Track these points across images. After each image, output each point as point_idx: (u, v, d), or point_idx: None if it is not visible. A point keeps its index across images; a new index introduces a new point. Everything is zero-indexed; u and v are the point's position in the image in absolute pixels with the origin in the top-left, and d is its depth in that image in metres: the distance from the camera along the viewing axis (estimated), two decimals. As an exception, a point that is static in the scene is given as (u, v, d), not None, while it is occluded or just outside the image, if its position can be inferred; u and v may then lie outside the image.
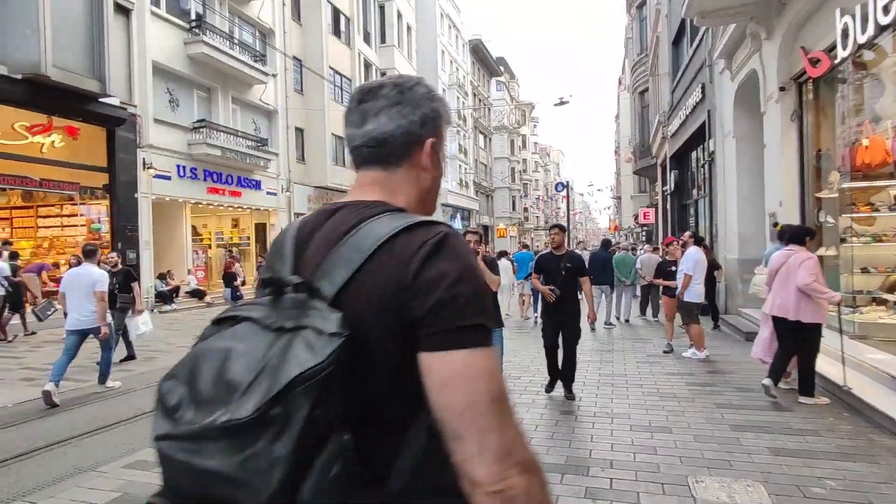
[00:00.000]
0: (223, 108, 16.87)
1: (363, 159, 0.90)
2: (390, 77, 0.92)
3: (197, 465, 0.63)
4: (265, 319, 0.72)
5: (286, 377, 0.63)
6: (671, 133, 15.14)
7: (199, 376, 0.68)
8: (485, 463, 0.67)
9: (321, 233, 0.83)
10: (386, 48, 29.17)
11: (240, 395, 0.64)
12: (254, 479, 0.61)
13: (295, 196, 20.41)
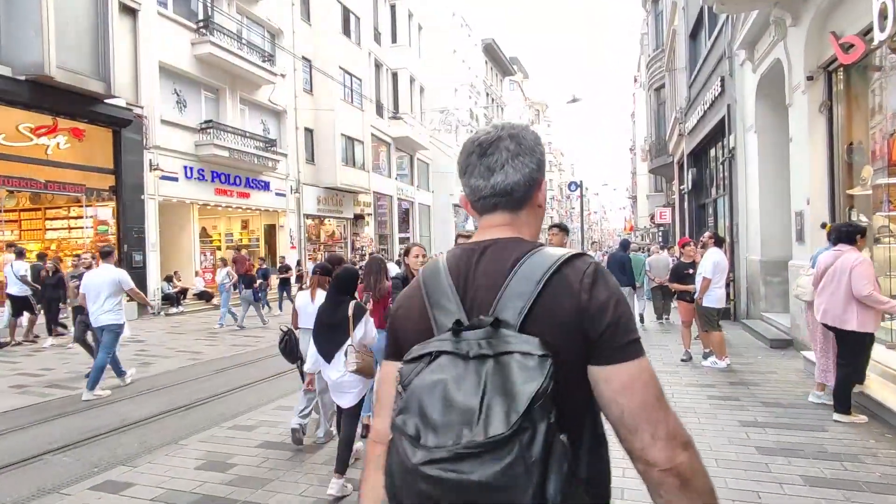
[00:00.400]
0: (231, 108, 16.75)
1: (492, 207, 1.01)
2: (501, 127, 1.02)
3: (464, 480, 0.72)
4: (460, 351, 0.82)
5: (527, 396, 0.75)
6: (688, 130, 14.59)
7: (427, 407, 0.78)
8: (658, 448, 0.84)
9: (480, 271, 0.94)
10: (397, 48, 28.92)
11: (478, 415, 0.74)
12: (515, 484, 0.72)
13: (304, 197, 20.24)
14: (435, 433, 0.75)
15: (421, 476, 0.74)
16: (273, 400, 5.62)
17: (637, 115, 45.46)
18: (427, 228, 35.10)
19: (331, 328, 3.44)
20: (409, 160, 32.12)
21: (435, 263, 1.00)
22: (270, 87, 18.12)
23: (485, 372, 0.78)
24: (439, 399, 0.77)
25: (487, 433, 0.72)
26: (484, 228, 1.02)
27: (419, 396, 0.79)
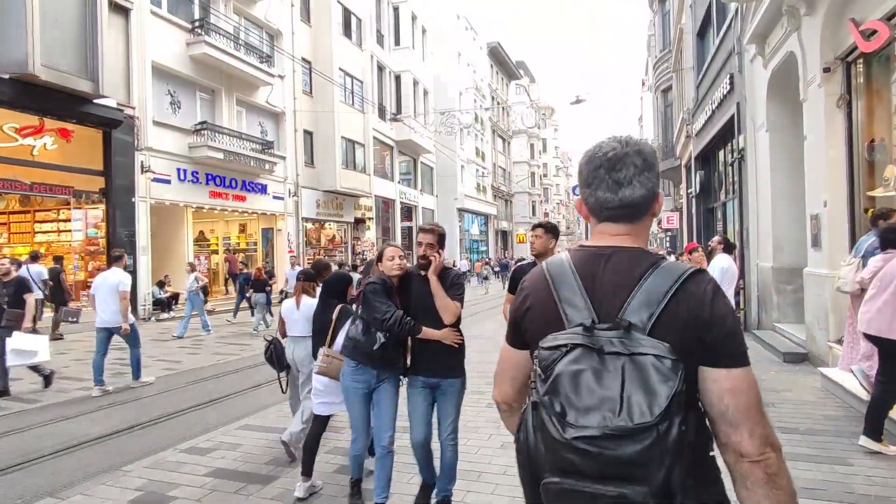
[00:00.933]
0: (227, 110, 16.45)
1: (617, 217, 1.13)
2: (626, 142, 1.12)
3: (610, 455, 0.88)
4: (594, 345, 0.96)
5: (666, 395, 0.89)
6: (696, 131, 14.08)
7: (570, 392, 0.92)
8: (753, 443, 0.98)
9: (608, 275, 1.07)
10: (400, 50, 28.62)
11: (620, 404, 0.89)
12: (651, 464, 0.88)
13: (303, 200, 19.89)
14: (581, 414, 0.90)
15: (571, 448, 0.90)
16: (241, 417, 5.18)
17: (644, 119, 44.88)
18: (431, 233, 34.65)
19: (319, 331, 3.48)
20: (412, 164, 31.77)
21: (560, 261, 1.14)
22: (268, 88, 17.83)
23: (622, 368, 0.92)
24: (582, 386, 0.92)
25: (633, 420, 0.88)
26: (605, 235, 1.14)
27: (563, 381, 0.94)
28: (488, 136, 43.33)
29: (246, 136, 16.72)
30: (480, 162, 40.57)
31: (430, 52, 33.27)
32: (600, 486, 0.90)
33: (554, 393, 0.93)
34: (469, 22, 40.03)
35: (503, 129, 48.83)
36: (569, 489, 0.92)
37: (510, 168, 51.24)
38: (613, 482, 0.89)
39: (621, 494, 0.89)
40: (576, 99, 16.32)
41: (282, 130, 19.14)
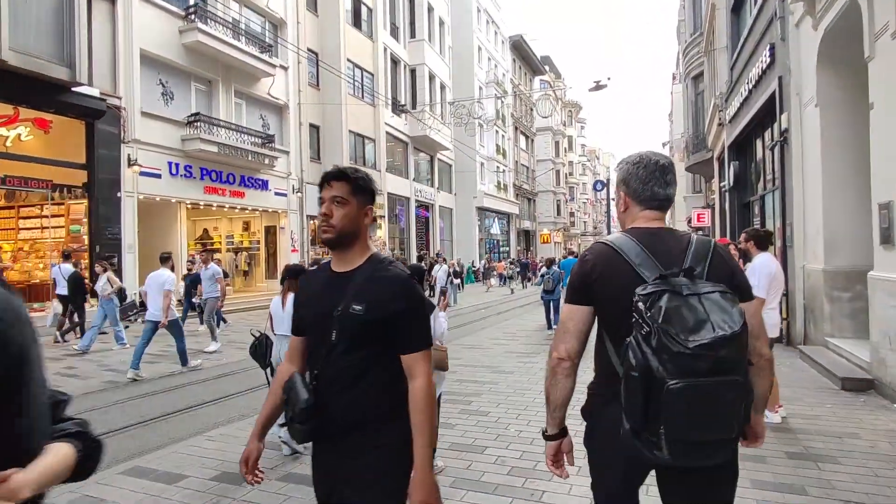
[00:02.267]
0: (224, 101, 15.70)
1: (660, 206, 1.61)
2: (666, 157, 1.64)
3: (718, 355, 1.27)
4: (676, 289, 1.34)
5: (739, 312, 1.33)
6: (729, 117, 12.57)
7: (678, 319, 1.30)
8: (766, 348, 1.55)
9: (665, 246, 1.51)
10: (416, 43, 27.61)
11: (711, 324, 1.28)
12: (741, 358, 1.33)
13: (308, 197, 19.05)
14: (691, 332, 1.27)
15: (691, 356, 1.26)
16: (167, 444, 4.20)
17: (675, 113, 42.77)
18: (448, 232, 33.60)
19: None
20: (429, 161, 30.73)
21: (624, 238, 1.55)
22: (269, 79, 17.03)
23: (700, 302, 1.32)
24: (683, 315, 1.30)
25: (728, 331, 1.27)
26: (648, 219, 1.60)
27: (671, 314, 1.30)
28: (510, 132, 41.97)
29: (244, 129, 15.95)
30: (501, 160, 39.25)
31: (448, 45, 32.20)
32: (715, 378, 1.28)
33: (668, 322, 1.30)
34: (490, 15, 38.77)
35: (526, 125, 47.36)
36: (692, 384, 1.26)
37: (533, 166, 49.69)
38: (721, 374, 1.29)
39: (733, 381, 1.30)
40: (595, 85, 14.96)
41: (285, 124, 18.34)
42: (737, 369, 1.30)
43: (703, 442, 1.32)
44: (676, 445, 1.29)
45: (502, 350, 8.39)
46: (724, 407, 1.30)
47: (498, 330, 10.88)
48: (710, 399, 1.27)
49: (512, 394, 5.62)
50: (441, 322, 3.58)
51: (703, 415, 1.28)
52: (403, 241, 27.38)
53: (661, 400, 1.26)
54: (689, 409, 1.26)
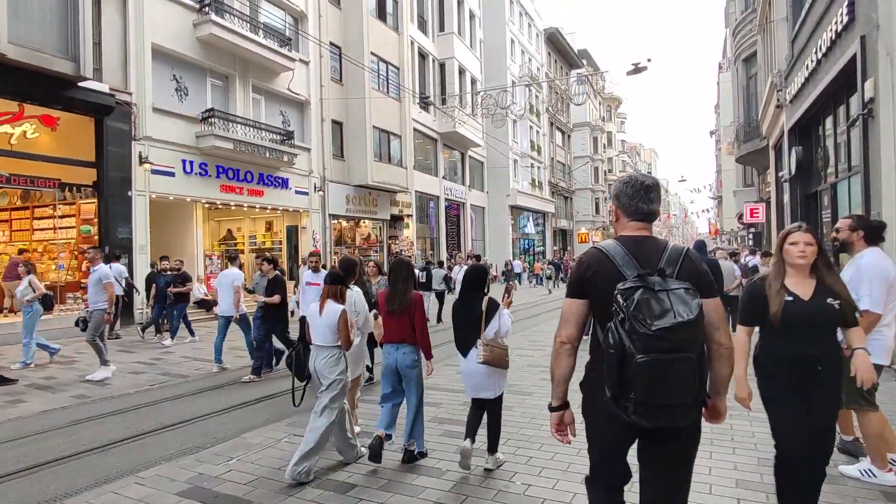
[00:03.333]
0: (242, 97, 15.19)
1: (644, 218, 2.00)
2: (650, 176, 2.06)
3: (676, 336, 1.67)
4: (649, 286, 1.73)
5: (697, 304, 1.71)
6: (791, 97, 11.04)
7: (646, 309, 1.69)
8: (724, 338, 1.89)
9: (646, 251, 1.91)
10: (445, 37, 26.71)
11: (673, 312, 1.67)
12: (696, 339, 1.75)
13: (330, 195, 18.41)
14: (656, 319, 1.66)
15: (655, 336, 1.65)
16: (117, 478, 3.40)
17: (722, 104, 40.23)
18: (480, 231, 32.52)
19: (468, 323, 3.64)
20: (460, 158, 29.77)
21: (613, 244, 1.95)
22: (289, 74, 16.45)
23: (667, 296, 1.71)
24: (651, 306, 1.69)
25: (685, 318, 1.67)
26: (635, 229, 1.98)
27: (641, 304, 1.69)
28: (545, 128, 40.51)
29: (262, 125, 15.40)
30: (536, 156, 37.86)
31: (479, 39, 31.15)
32: (672, 354, 1.67)
33: (638, 310, 1.68)
34: (523, 6, 37.46)
35: (562, 121, 45.72)
36: (653, 360, 1.65)
37: (570, 163, 47.94)
38: (677, 352, 1.67)
39: (686, 357, 1.69)
40: (634, 68, 13.62)
41: (306, 120, 17.75)
42: (690, 349, 1.71)
43: (664, 405, 1.71)
44: (643, 407, 1.69)
45: (525, 363, 7.30)
46: (679, 376, 1.69)
47: (524, 338, 9.78)
48: (667, 370, 1.67)
49: (526, 425, 4.57)
50: (505, 320, 3.70)
51: (662, 383, 1.68)
52: (433, 240, 26.53)
53: (631, 371, 1.67)
54: (650, 377, 1.66)
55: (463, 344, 3.65)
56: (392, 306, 3.80)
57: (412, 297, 3.80)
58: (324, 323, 3.67)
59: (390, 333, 3.83)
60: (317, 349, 3.73)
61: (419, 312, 3.80)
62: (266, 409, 5.50)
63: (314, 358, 3.73)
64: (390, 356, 3.80)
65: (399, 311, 3.77)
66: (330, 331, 3.65)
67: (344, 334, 3.66)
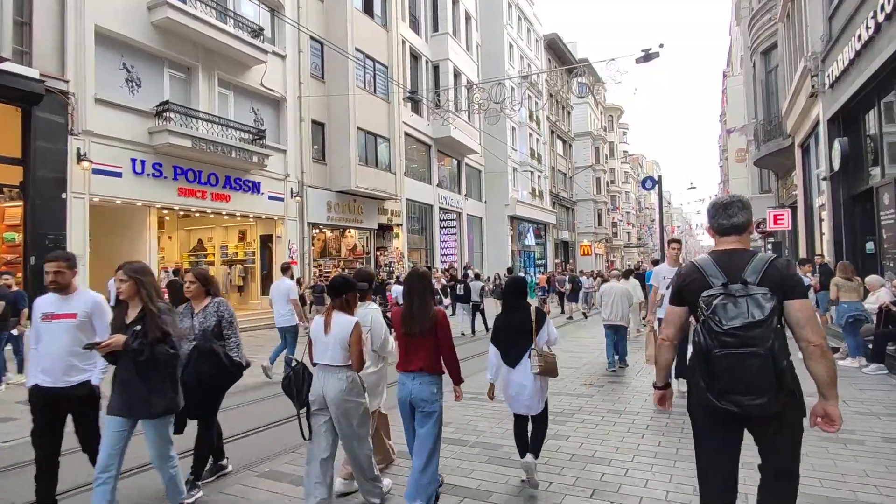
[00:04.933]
0: (206, 91, 13.65)
1: (728, 233, 2.28)
2: (727, 198, 2.33)
3: (747, 334, 1.97)
4: (730, 293, 2.04)
5: (770, 307, 1.98)
6: (830, 81, 9.43)
7: (723, 311, 2.03)
8: (814, 335, 2.05)
9: (733, 261, 2.16)
10: (438, 37, 25.32)
11: (748, 313, 1.99)
12: (767, 337, 1.97)
13: (309, 202, 16.79)
14: (731, 320, 1.97)
15: (727, 333, 1.97)
16: None
17: (730, 111, 38.77)
18: (479, 243, 30.86)
19: (516, 334, 3.59)
20: (455, 165, 28.24)
21: (705, 258, 2.26)
22: (261, 67, 14.94)
23: (744, 301, 1.99)
24: (727, 309, 1.99)
25: (756, 318, 1.95)
26: (724, 243, 2.28)
27: (718, 308, 2.01)
28: (546, 135, 39.05)
29: (229, 122, 13.82)
30: (536, 164, 36.33)
31: (475, 42, 29.81)
32: (742, 349, 1.95)
33: (714, 313, 2.01)
34: (522, 10, 36.23)
35: (563, 129, 44.30)
36: (726, 353, 1.97)
37: (571, 173, 46.42)
38: (748, 347, 1.94)
39: (755, 352, 1.94)
40: (644, 54, 12.06)
41: (282, 119, 16.20)
42: (760, 345, 1.95)
43: (743, 392, 1.98)
44: (725, 395, 2.01)
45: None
46: (749, 370, 1.96)
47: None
48: (741, 362, 1.96)
49: None
50: (553, 328, 3.69)
51: (739, 373, 1.97)
52: (427, 251, 24.87)
53: (713, 364, 2.00)
54: (727, 368, 1.98)
55: (512, 356, 3.57)
56: (410, 328, 3.28)
57: (433, 315, 3.29)
58: (333, 339, 3.19)
59: (408, 360, 3.32)
60: (325, 373, 3.23)
61: (443, 332, 3.31)
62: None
63: (323, 383, 3.21)
64: (404, 387, 3.32)
65: (421, 333, 3.27)
66: (341, 347, 3.19)
67: (356, 351, 3.18)
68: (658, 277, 6.09)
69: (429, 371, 3.26)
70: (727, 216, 2.24)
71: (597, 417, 5.18)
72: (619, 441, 4.45)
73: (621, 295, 7.44)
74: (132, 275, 3.08)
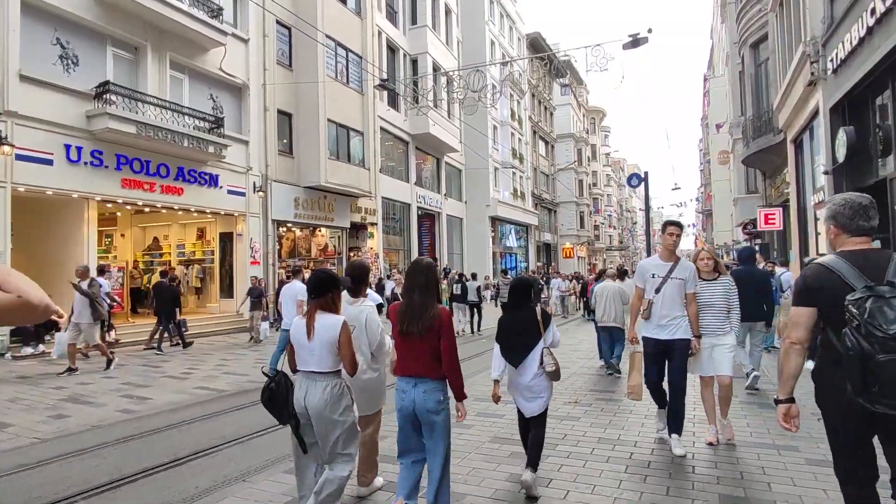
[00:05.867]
0: (156, 74, 12.43)
1: (867, 234, 2.19)
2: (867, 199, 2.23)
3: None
4: (878, 294, 1.93)
5: None
6: (835, 64, 8.67)
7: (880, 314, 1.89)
8: None
9: (871, 262, 2.09)
10: (417, 30, 24.35)
11: None
12: None
13: (275, 198, 15.61)
14: (892, 324, 1.85)
15: (893, 338, 1.84)
16: None
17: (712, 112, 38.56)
18: (459, 244, 29.90)
19: (520, 333, 3.51)
20: (435, 164, 27.25)
21: (835, 260, 2.15)
22: (221, 50, 13.75)
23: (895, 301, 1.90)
24: (886, 312, 1.87)
25: None
26: (856, 244, 2.18)
27: (875, 312, 1.89)
28: (528, 135, 38.33)
29: (182, 108, 12.60)
30: (518, 164, 35.55)
31: (456, 37, 28.90)
32: None
33: (871, 317, 1.89)
34: (504, 8, 35.49)
35: (546, 130, 43.69)
36: (893, 358, 1.83)
37: (554, 174, 45.82)
38: None
39: None
40: (631, 39, 11.22)
41: (245, 108, 15.02)
42: None
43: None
44: (882, 399, 1.89)
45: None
46: None
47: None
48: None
49: None
50: (556, 331, 3.64)
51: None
52: (405, 252, 23.79)
53: (874, 369, 1.87)
54: (893, 374, 1.85)
55: (516, 356, 3.49)
56: (409, 326, 2.87)
57: (437, 313, 2.87)
58: (319, 342, 2.83)
59: (406, 364, 2.93)
60: (308, 380, 2.87)
61: (447, 334, 2.88)
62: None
63: (304, 392, 2.85)
64: (406, 395, 2.90)
65: (419, 333, 2.85)
66: (328, 351, 2.82)
67: (348, 353, 2.82)
68: (643, 275, 4.31)
69: (432, 376, 2.89)
70: (867, 218, 2.21)
71: (585, 449, 4.20)
72: (616, 487, 3.46)
73: (615, 295, 6.83)
74: None
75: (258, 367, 8.33)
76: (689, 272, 4.22)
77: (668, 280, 4.14)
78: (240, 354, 10.24)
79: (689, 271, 4.23)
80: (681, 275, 4.17)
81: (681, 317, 4.15)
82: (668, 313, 4.11)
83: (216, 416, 5.70)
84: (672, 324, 4.11)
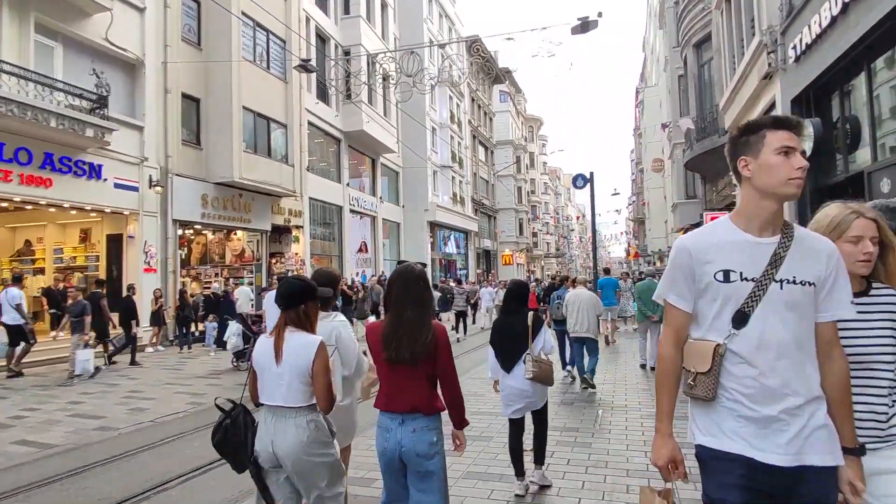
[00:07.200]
0: (15, 38, 10.09)
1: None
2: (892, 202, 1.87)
3: None
4: None
5: None
6: (797, 53, 8.01)
7: None
8: None
9: None
10: (350, 20, 22.73)
11: None
12: None
13: (177, 194, 13.42)
14: None
15: None
16: None
17: (646, 123, 39.43)
18: (395, 250, 28.34)
19: (511, 339, 3.51)
20: (370, 164, 25.60)
21: None
22: (107, 17, 11.55)
23: None
24: None
25: None
26: None
27: None
28: (468, 140, 37.46)
29: (53, 82, 10.32)
30: (458, 168, 34.54)
31: (392, 32, 27.48)
32: None
33: None
34: (444, 8, 34.53)
35: (485, 135, 43.12)
36: None
37: (493, 181, 45.33)
38: None
39: None
40: (580, 24, 10.30)
41: (139, 87, 12.79)
42: None
43: None
44: None
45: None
46: None
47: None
48: None
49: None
50: (549, 336, 3.63)
51: None
52: (337, 259, 21.91)
53: None
54: None
55: (507, 361, 3.52)
56: (399, 353, 2.29)
57: (434, 334, 2.31)
58: (289, 369, 2.28)
59: (392, 398, 2.35)
60: (276, 418, 2.33)
61: (444, 358, 2.35)
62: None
63: (271, 432, 2.31)
64: (390, 436, 2.31)
65: (410, 360, 2.28)
66: (301, 381, 2.29)
67: (323, 383, 2.29)
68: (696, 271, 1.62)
69: (424, 412, 2.31)
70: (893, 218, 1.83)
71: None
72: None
73: (588, 304, 6.55)
74: None
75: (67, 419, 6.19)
76: (829, 260, 1.60)
77: (775, 286, 1.56)
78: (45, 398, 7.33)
79: (828, 257, 1.60)
80: (810, 268, 1.58)
81: (816, 400, 1.56)
82: (782, 382, 1.52)
83: None
84: (797, 415, 1.51)
